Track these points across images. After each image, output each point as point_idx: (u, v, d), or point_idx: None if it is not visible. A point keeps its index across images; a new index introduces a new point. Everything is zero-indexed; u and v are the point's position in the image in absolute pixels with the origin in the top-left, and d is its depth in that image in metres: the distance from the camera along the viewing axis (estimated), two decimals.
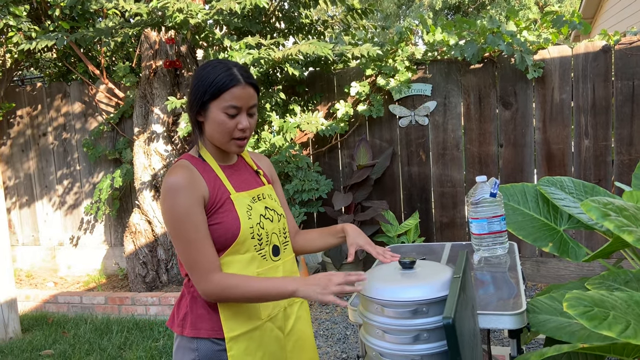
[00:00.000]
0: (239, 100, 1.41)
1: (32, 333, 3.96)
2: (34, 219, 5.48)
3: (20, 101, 5.35)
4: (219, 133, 1.43)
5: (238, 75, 1.42)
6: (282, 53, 3.43)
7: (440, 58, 4.37)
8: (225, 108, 1.41)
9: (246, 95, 1.43)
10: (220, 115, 1.42)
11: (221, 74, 1.42)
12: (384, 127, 4.56)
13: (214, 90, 1.41)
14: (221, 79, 1.41)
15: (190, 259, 1.39)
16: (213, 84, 1.41)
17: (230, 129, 1.42)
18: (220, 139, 1.44)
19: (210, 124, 1.44)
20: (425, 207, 4.54)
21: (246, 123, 1.44)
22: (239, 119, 1.43)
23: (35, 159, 5.39)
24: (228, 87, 1.40)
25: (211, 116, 1.43)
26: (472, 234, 2.29)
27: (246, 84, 1.43)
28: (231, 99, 1.41)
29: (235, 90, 1.41)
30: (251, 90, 1.45)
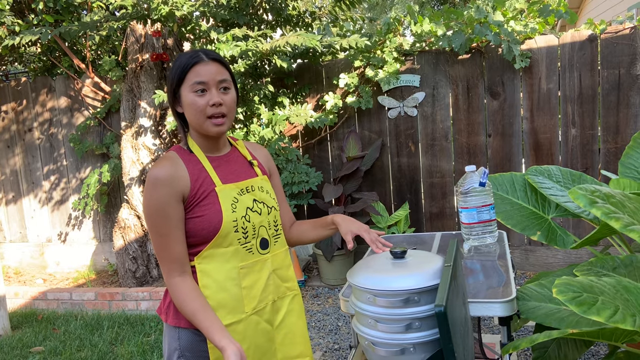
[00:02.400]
0: (203, 76, 1.41)
1: (22, 330, 3.93)
2: (21, 216, 5.43)
3: (5, 96, 5.27)
4: (193, 115, 1.43)
5: (201, 54, 1.43)
6: (269, 45, 3.41)
7: (428, 49, 4.37)
8: (192, 87, 1.41)
9: (211, 70, 1.42)
10: (190, 95, 1.42)
11: (184, 58, 1.44)
12: (373, 118, 4.56)
13: (179, 74, 1.43)
14: (183, 62, 1.43)
15: (159, 252, 1.42)
16: (178, 70, 1.43)
17: (201, 107, 1.41)
18: (196, 121, 1.43)
19: (186, 109, 1.44)
20: (415, 198, 4.56)
21: (217, 98, 1.41)
22: (208, 96, 1.41)
23: (21, 155, 5.32)
24: (190, 65, 1.41)
25: (184, 101, 1.44)
26: (462, 223, 2.30)
27: (209, 60, 1.43)
28: (195, 76, 1.41)
29: (197, 67, 1.41)
30: (216, 65, 1.44)
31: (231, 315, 1.45)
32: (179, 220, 1.41)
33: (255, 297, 1.49)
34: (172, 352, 1.48)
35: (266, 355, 1.53)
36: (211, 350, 1.43)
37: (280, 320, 1.58)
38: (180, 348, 1.46)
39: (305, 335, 1.66)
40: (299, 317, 1.64)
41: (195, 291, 1.40)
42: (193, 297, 1.39)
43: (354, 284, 1.47)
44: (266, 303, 1.53)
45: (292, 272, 1.65)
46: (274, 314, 1.56)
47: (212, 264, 1.44)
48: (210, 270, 1.44)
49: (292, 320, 1.61)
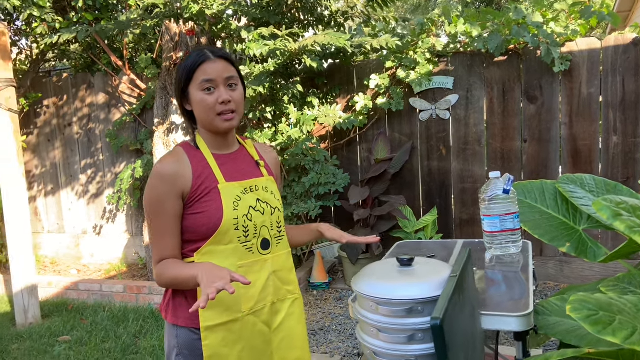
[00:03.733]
0: (211, 74, 1.42)
1: (52, 319, 4.04)
2: (59, 207, 5.60)
3: (47, 91, 5.45)
4: (203, 112, 1.44)
5: (207, 52, 1.44)
6: (298, 44, 3.39)
7: (463, 50, 4.26)
8: (200, 85, 1.43)
9: (218, 68, 1.44)
10: (199, 94, 1.43)
11: (192, 58, 1.45)
12: (403, 120, 4.48)
13: (187, 73, 1.44)
14: (191, 61, 1.44)
15: (152, 242, 1.45)
16: (185, 69, 1.45)
17: (211, 104, 1.43)
18: (206, 118, 1.45)
19: (195, 107, 1.46)
20: (445, 203, 4.45)
21: (226, 96, 1.43)
22: (217, 93, 1.43)
23: (61, 149, 5.49)
24: (197, 64, 1.43)
25: (193, 99, 1.45)
26: (484, 231, 2.22)
27: (216, 58, 1.44)
28: (203, 74, 1.42)
29: (205, 65, 1.43)
30: (223, 62, 1.45)
31: (227, 314, 1.44)
32: (176, 216, 1.43)
33: (253, 297, 1.48)
34: (171, 350, 1.49)
35: (262, 358, 1.51)
36: (205, 348, 1.42)
37: (279, 323, 1.56)
38: (178, 346, 1.47)
39: (304, 341, 1.62)
40: (298, 322, 1.61)
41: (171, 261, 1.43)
42: (169, 264, 1.42)
43: (357, 290, 1.42)
44: (264, 304, 1.51)
45: (294, 276, 1.62)
46: (273, 316, 1.54)
47: (210, 260, 1.44)
48: None
49: (291, 324, 1.58)
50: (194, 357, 1.45)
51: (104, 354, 3.37)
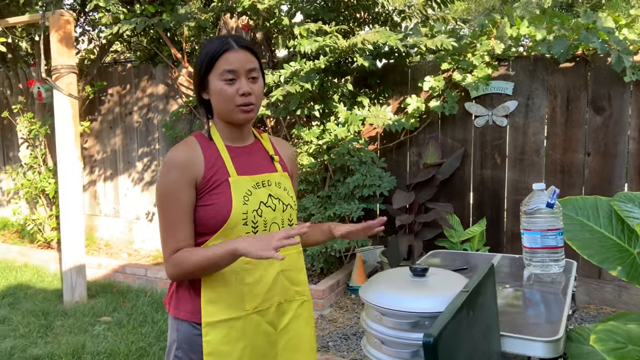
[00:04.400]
0: (233, 64, 1.38)
1: (97, 299, 4.19)
2: (116, 192, 5.81)
3: (112, 81, 5.67)
4: (222, 103, 1.40)
5: (231, 41, 1.39)
6: (348, 42, 3.31)
7: (526, 54, 4.03)
8: (221, 75, 1.38)
9: (241, 59, 1.39)
10: (219, 83, 1.39)
11: (214, 45, 1.41)
12: (457, 125, 4.30)
13: (208, 61, 1.40)
14: (213, 49, 1.39)
15: (163, 235, 1.41)
16: (207, 56, 1.40)
17: (231, 95, 1.39)
18: (224, 108, 1.41)
19: (213, 97, 1.42)
20: (497, 215, 4.23)
21: (247, 88, 1.39)
22: (238, 84, 1.39)
23: (121, 136, 5.70)
24: (220, 53, 1.38)
25: (212, 88, 1.41)
26: (524, 246, 2.07)
27: (239, 48, 1.40)
28: (225, 64, 1.38)
29: (228, 55, 1.38)
30: (246, 53, 1.41)
31: (230, 311, 1.40)
32: (189, 205, 1.39)
33: (259, 296, 1.43)
34: (172, 343, 1.47)
35: (266, 359, 1.45)
36: (205, 344, 1.39)
37: (285, 325, 1.50)
38: (178, 340, 1.44)
39: (311, 344, 1.56)
40: (306, 324, 1.55)
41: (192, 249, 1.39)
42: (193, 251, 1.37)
43: (363, 297, 1.34)
44: (270, 304, 1.45)
45: (304, 277, 1.56)
46: (279, 316, 1.48)
47: None
48: None
49: (298, 325, 1.53)
50: (193, 352, 1.42)
51: (139, 338, 3.44)
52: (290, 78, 3.75)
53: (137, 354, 3.20)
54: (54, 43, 3.86)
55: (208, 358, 1.38)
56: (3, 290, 4.41)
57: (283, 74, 3.74)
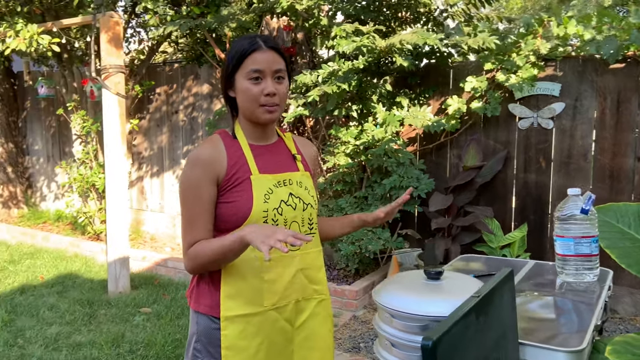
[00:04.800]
0: (260, 64, 1.40)
1: (139, 290, 4.33)
2: (161, 188, 6.00)
3: (160, 80, 5.85)
4: (247, 102, 1.42)
5: (259, 41, 1.41)
6: (386, 42, 3.29)
7: (574, 55, 3.88)
8: (247, 74, 1.40)
9: (268, 59, 1.41)
10: (245, 82, 1.41)
11: (243, 43, 1.43)
12: (500, 127, 4.18)
13: (236, 60, 1.42)
14: (242, 48, 1.41)
15: (184, 228, 1.44)
16: (235, 55, 1.42)
17: (256, 95, 1.40)
18: (249, 107, 1.43)
19: (239, 95, 1.44)
20: (540, 221, 4.09)
21: (272, 88, 1.41)
22: (263, 84, 1.41)
23: (167, 134, 5.87)
24: (248, 52, 1.40)
25: (238, 87, 1.43)
26: (556, 253, 1.99)
27: (267, 49, 1.41)
28: (252, 64, 1.40)
29: (255, 55, 1.40)
30: (273, 54, 1.42)
31: (248, 306, 1.42)
32: (210, 202, 1.42)
33: (277, 293, 1.44)
34: (191, 335, 1.50)
35: (282, 355, 1.47)
36: (223, 338, 1.41)
37: (302, 322, 1.51)
38: (198, 332, 1.47)
39: (327, 342, 1.56)
40: (323, 323, 1.55)
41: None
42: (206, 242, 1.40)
43: (375, 298, 1.33)
44: (288, 301, 1.47)
45: (323, 275, 1.56)
46: (297, 314, 1.49)
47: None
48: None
49: (315, 323, 1.53)
50: (211, 345, 1.44)
51: (176, 330, 3.54)
52: (328, 78, 3.76)
53: (172, 345, 3.29)
54: (103, 44, 4.03)
55: (225, 352, 1.41)
56: (53, 278, 4.63)
57: (321, 74, 3.76)
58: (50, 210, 6.91)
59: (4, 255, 5.38)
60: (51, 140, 6.85)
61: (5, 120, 6.81)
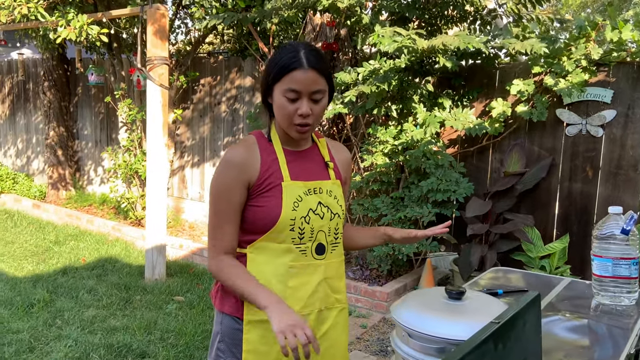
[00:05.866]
0: (298, 84, 1.37)
1: (174, 279, 4.43)
2: (202, 178, 6.11)
3: (205, 71, 5.94)
4: (281, 117, 1.42)
5: (302, 59, 1.37)
6: (428, 43, 3.21)
7: (629, 60, 3.69)
8: (285, 92, 1.38)
9: (307, 80, 1.37)
10: (281, 99, 1.39)
11: (285, 57, 1.40)
12: (546, 133, 4.03)
13: (276, 73, 1.40)
14: (283, 62, 1.39)
15: (212, 231, 1.44)
16: (276, 67, 1.40)
17: (289, 113, 1.39)
18: (282, 122, 1.43)
19: (275, 107, 1.44)
20: (584, 232, 3.93)
21: (306, 109, 1.38)
22: (298, 104, 1.39)
23: (209, 124, 5.96)
24: (288, 69, 1.37)
25: (275, 99, 1.42)
26: (593, 274, 1.91)
27: (309, 68, 1.37)
28: (290, 82, 1.37)
29: (296, 73, 1.37)
30: (314, 74, 1.38)
31: None
32: (240, 204, 1.43)
33: (301, 300, 1.44)
34: (215, 335, 1.52)
35: None
36: (245, 341, 1.42)
37: (324, 332, 1.50)
38: (222, 332, 1.49)
39: (345, 352, 1.56)
40: (342, 332, 1.55)
41: (237, 265, 1.42)
42: (236, 269, 1.41)
43: (392, 315, 1.30)
44: (312, 310, 1.46)
45: (344, 284, 1.55)
46: (319, 324, 1.49)
47: (262, 255, 1.44)
48: (260, 261, 1.44)
49: (336, 333, 1.53)
50: (234, 346, 1.46)
51: (206, 320, 3.60)
52: (368, 76, 3.71)
53: (202, 336, 3.35)
54: (149, 35, 4.11)
55: (247, 355, 1.42)
56: (94, 261, 4.80)
57: (361, 73, 3.71)
58: (96, 194, 7.15)
59: (50, 236, 5.62)
60: (99, 126, 7.08)
61: (57, 105, 7.07)
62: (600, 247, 1.87)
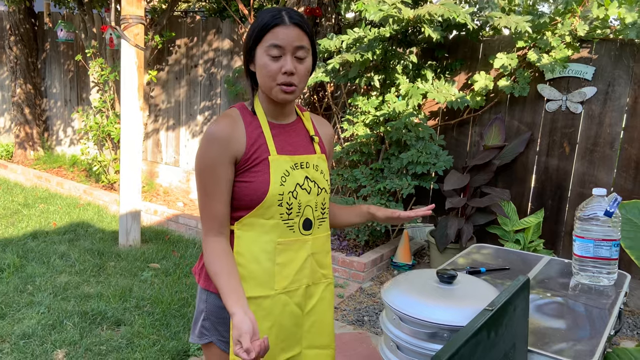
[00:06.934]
0: (281, 40, 1.32)
1: (149, 245, 4.37)
2: (177, 142, 5.97)
3: (180, 32, 5.73)
4: (264, 78, 1.36)
5: (284, 16, 1.33)
6: (414, 12, 3.14)
7: (612, 37, 3.69)
8: (267, 49, 1.33)
9: (290, 35, 1.32)
10: (264, 58, 1.34)
11: (267, 16, 1.34)
12: (526, 108, 4.04)
13: (257, 33, 1.34)
14: (264, 20, 1.34)
15: (202, 208, 1.39)
16: (257, 27, 1.34)
17: (273, 71, 1.33)
18: (266, 84, 1.37)
19: (257, 71, 1.38)
20: (558, 206, 4.01)
21: (290, 66, 1.33)
22: (282, 61, 1.33)
23: (185, 88, 5.80)
24: (270, 26, 1.32)
25: (257, 61, 1.37)
26: (574, 254, 1.93)
27: (291, 24, 1.33)
28: (272, 38, 1.32)
29: (277, 29, 1.32)
30: (297, 30, 1.34)
31: (259, 289, 1.40)
32: (227, 181, 1.38)
33: (288, 277, 1.42)
34: (199, 313, 1.49)
35: (290, 339, 1.46)
36: None
37: (312, 307, 1.50)
38: (207, 311, 1.46)
39: (332, 327, 1.57)
40: (329, 307, 1.55)
41: (226, 254, 1.37)
42: (222, 259, 1.36)
43: (384, 298, 1.29)
44: (299, 285, 1.45)
45: (330, 259, 1.55)
46: (306, 299, 1.48)
47: (250, 232, 1.40)
48: (247, 238, 1.41)
49: (323, 308, 1.53)
50: (220, 324, 1.44)
51: (183, 288, 3.57)
52: (352, 44, 3.62)
53: (179, 304, 3.33)
54: None
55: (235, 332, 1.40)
56: (66, 226, 4.69)
57: (345, 40, 3.63)
58: (66, 155, 6.95)
59: (18, 198, 5.45)
60: (69, 85, 6.82)
61: (24, 61, 6.77)
62: (582, 228, 1.89)
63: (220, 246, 1.38)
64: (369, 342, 3.03)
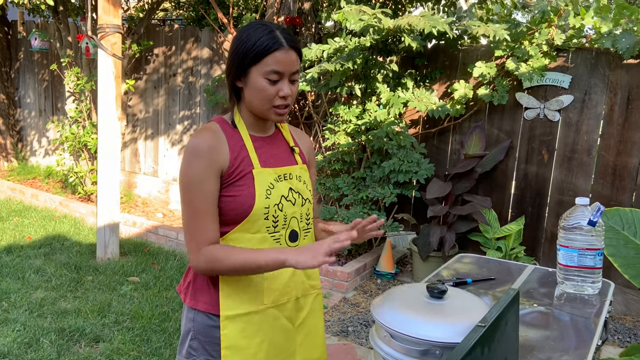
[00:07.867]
0: (281, 65, 1.31)
1: (128, 258, 4.28)
2: (155, 152, 5.89)
3: (158, 40, 5.66)
4: (259, 100, 1.34)
5: (281, 39, 1.32)
6: (394, 22, 3.15)
7: (588, 46, 3.76)
8: (266, 73, 1.32)
9: (289, 60, 1.32)
10: (261, 81, 1.32)
11: (263, 37, 1.32)
12: (505, 116, 4.09)
13: (255, 54, 1.31)
14: (263, 42, 1.31)
15: (189, 226, 1.35)
16: (254, 48, 1.31)
17: (271, 95, 1.33)
18: (260, 106, 1.35)
19: (251, 91, 1.35)
20: (537, 213, 4.05)
21: (288, 90, 1.34)
22: (280, 85, 1.33)
23: (164, 97, 5.73)
24: (270, 50, 1.31)
25: (251, 82, 1.34)
26: (558, 263, 1.94)
27: (289, 48, 1.33)
28: (273, 64, 1.31)
29: (277, 54, 1.31)
30: (294, 54, 1.34)
31: (248, 305, 1.38)
32: (215, 195, 1.35)
33: (277, 290, 1.40)
34: (186, 333, 1.46)
35: (283, 354, 1.44)
36: (223, 337, 1.37)
37: (303, 320, 1.49)
38: (194, 330, 1.43)
39: (323, 337, 1.56)
40: (319, 318, 1.55)
41: (229, 246, 1.34)
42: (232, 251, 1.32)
43: (374, 314, 1.27)
44: (288, 298, 1.44)
45: (317, 270, 1.52)
46: (297, 312, 1.47)
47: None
48: None
49: (313, 320, 1.53)
50: (209, 343, 1.41)
51: (163, 302, 3.50)
52: (333, 54, 3.62)
53: (159, 318, 3.26)
54: (100, 0, 3.85)
55: (225, 351, 1.37)
56: (41, 239, 4.57)
57: (326, 50, 3.62)
58: (41, 166, 6.79)
59: None
60: (44, 95, 6.68)
61: None
62: (566, 238, 1.90)
63: (219, 246, 1.34)
64: (354, 353, 3.01)
